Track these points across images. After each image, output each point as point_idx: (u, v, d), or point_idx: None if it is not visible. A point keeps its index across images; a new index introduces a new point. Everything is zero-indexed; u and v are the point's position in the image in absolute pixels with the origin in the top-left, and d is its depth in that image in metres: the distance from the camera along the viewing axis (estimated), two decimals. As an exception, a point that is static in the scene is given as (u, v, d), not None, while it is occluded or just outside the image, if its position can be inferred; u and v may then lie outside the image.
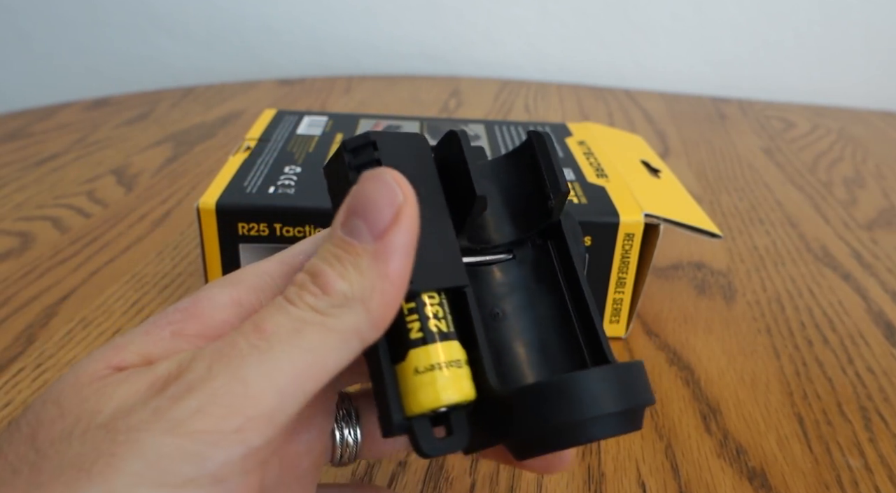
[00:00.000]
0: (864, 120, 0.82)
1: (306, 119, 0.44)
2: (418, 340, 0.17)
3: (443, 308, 0.18)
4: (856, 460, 0.29)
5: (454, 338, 0.17)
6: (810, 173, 0.63)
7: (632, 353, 0.35)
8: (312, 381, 0.15)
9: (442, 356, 0.17)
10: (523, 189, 0.20)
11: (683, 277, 0.43)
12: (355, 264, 0.16)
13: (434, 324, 0.17)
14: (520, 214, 0.20)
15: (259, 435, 0.14)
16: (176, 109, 0.74)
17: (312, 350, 0.15)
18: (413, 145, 0.18)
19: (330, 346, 0.15)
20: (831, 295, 0.42)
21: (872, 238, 0.50)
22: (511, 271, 0.20)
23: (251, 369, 0.15)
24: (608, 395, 0.17)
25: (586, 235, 0.33)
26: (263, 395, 0.14)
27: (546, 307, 0.20)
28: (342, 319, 0.16)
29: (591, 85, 0.92)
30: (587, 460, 0.28)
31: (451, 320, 0.18)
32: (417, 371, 0.17)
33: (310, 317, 0.16)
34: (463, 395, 0.17)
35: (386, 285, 0.16)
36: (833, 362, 0.35)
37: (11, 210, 0.48)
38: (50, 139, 0.63)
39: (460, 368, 0.17)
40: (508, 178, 0.20)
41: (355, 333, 0.16)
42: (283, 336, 0.15)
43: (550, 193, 0.19)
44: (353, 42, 0.95)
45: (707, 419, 0.31)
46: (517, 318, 0.20)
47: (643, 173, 0.39)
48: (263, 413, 0.14)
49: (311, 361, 0.15)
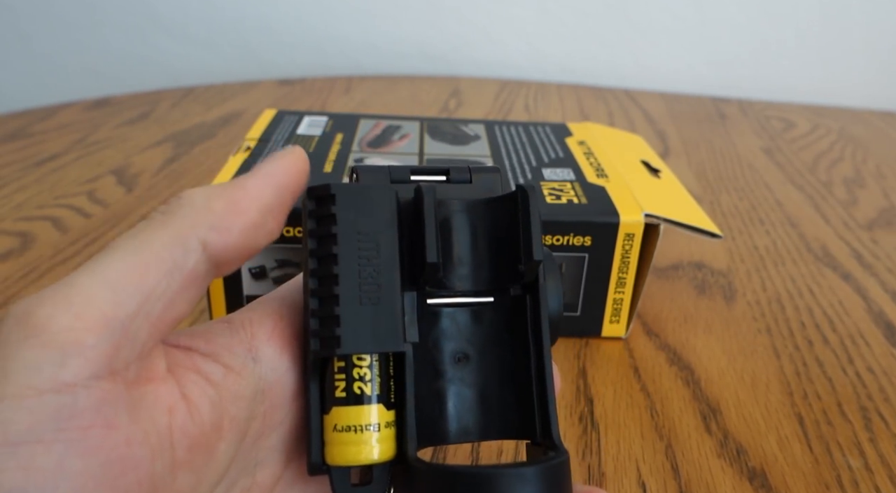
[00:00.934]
0: (865, 120, 0.82)
1: (306, 119, 0.44)
2: (341, 399, 0.17)
3: (371, 371, 0.18)
4: (856, 460, 0.29)
5: (377, 402, 0.18)
6: (810, 173, 0.63)
7: (632, 353, 0.35)
8: (150, 276, 0.15)
9: (361, 419, 0.17)
10: (504, 240, 0.19)
11: (683, 277, 0.43)
12: (218, 184, 0.17)
13: (358, 386, 0.17)
14: (498, 264, 0.19)
15: (93, 335, 0.14)
16: (176, 109, 0.74)
17: (145, 245, 0.15)
18: (378, 200, 0.18)
19: (164, 241, 0.15)
20: (831, 295, 0.42)
21: (872, 238, 0.50)
22: (487, 316, 0.20)
23: (81, 273, 0.14)
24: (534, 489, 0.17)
25: (587, 236, 0.33)
26: (92, 290, 0.14)
27: (511, 363, 0.20)
28: (178, 214, 0.16)
29: (591, 85, 0.92)
30: (587, 460, 0.28)
31: (378, 383, 0.18)
32: (336, 428, 0.17)
33: (152, 219, 0.16)
34: (378, 457, 0.17)
35: (236, 193, 0.16)
36: (833, 362, 0.35)
37: (11, 210, 0.48)
38: (50, 139, 0.63)
39: (378, 431, 0.18)
40: (493, 222, 0.19)
41: (192, 229, 0.16)
42: (121, 241, 0.15)
43: (523, 257, 0.19)
44: (353, 42, 0.95)
45: (707, 419, 0.31)
46: (481, 365, 0.20)
47: (643, 173, 0.39)
48: (96, 309, 0.14)
49: (144, 256, 0.15)
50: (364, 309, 0.17)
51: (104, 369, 0.14)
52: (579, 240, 0.33)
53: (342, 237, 0.17)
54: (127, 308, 0.14)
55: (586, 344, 0.36)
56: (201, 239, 0.16)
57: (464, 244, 0.19)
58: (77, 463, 0.13)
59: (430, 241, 0.18)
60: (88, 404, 0.13)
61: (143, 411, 0.15)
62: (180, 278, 0.15)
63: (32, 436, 0.13)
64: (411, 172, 0.20)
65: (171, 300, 0.15)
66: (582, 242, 0.33)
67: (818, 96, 0.91)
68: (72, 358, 0.13)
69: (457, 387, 0.19)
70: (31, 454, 0.13)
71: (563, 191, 0.35)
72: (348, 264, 0.17)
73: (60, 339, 0.13)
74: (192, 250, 0.15)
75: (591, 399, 0.32)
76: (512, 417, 0.19)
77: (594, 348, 0.36)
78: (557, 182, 0.36)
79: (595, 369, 0.34)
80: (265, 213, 0.17)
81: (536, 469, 0.17)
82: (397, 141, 0.42)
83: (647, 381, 0.33)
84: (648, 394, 0.33)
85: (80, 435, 0.13)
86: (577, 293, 0.35)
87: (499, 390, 0.19)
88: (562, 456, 0.17)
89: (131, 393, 0.14)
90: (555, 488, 0.17)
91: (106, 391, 0.14)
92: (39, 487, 0.13)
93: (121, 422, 0.14)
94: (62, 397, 0.13)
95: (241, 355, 0.17)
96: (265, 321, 0.18)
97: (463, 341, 0.20)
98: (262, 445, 0.18)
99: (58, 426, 0.13)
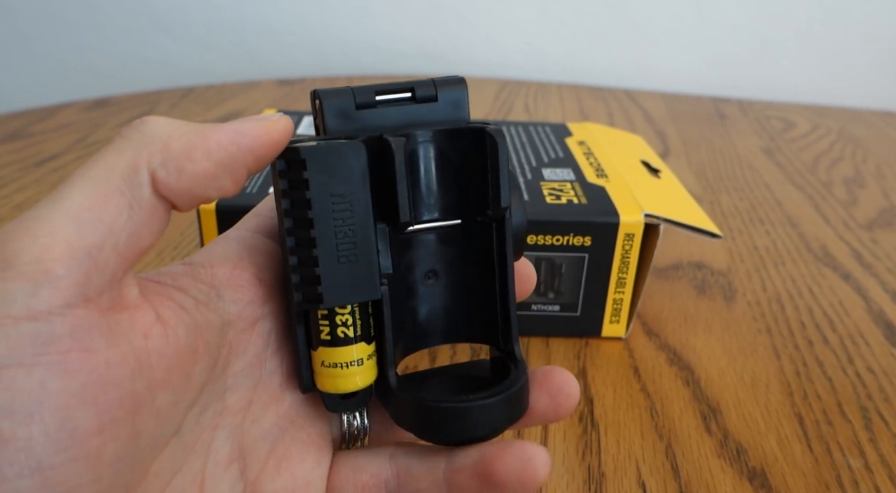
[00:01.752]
0: (865, 120, 0.82)
1: (306, 119, 0.44)
2: (326, 341, 0.19)
3: (352, 316, 0.19)
4: (856, 460, 0.29)
5: (358, 341, 0.19)
6: (810, 173, 0.63)
7: (632, 353, 0.35)
8: (111, 208, 0.15)
9: (344, 357, 0.19)
10: (473, 178, 0.20)
11: (683, 277, 0.43)
12: (185, 124, 0.17)
13: (341, 331, 0.19)
14: (465, 196, 0.20)
15: (61, 265, 0.14)
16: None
17: (102, 175, 0.15)
18: (348, 160, 0.18)
19: (118, 171, 0.16)
20: (831, 295, 0.42)
21: (872, 238, 0.50)
22: (454, 237, 0.21)
23: (43, 207, 0.15)
24: (495, 418, 0.19)
25: (587, 236, 0.33)
26: (55, 223, 0.15)
27: (477, 280, 0.21)
28: (135, 141, 0.16)
29: (591, 85, 0.92)
30: (587, 460, 0.28)
31: (360, 324, 0.19)
32: (324, 364, 0.19)
33: (109, 146, 0.16)
34: (361, 384, 0.20)
35: (196, 137, 0.16)
36: (833, 362, 0.35)
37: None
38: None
39: (361, 365, 0.19)
40: (460, 155, 0.20)
41: (145, 160, 0.16)
42: (81, 170, 0.16)
43: (491, 203, 0.19)
44: (353, 42, 0.95)
45: (707, 419, 0.31)
46: (450, 280, 0.21)
47: (643, 173, 0.39)
48: (62, 240, 0.14)
49: (102, 188, 0.15)
50: (342, 267, 0.18)
51: (76, 297, 0.14)
52: (579, 240, 0.33)
53: (316, 202, 0.18)
54: (91, 239, 0.15)
55: (586, 344, 0.36)
56: (151, 171, 0.16)
57: (431, 177, 0.20)
58: (58, 383, 0.14)
59: (402, 201, 0.18)
60: (64, 330, 0.14)
61: (120, 335, 0.15)
62: (139, 210, 0.16)
63: (13, 360, 0.14)
64: (376, 93, 0.20)
65: (135, 231, 0.16)
66: (582, 243, 0.33)
67: (818, 96, 0.91)
68: (43, 288, 0.14)
69: (428, 301, 0.21)
70: (12, 377, 0.13)
71: (563, 191, 0.35)
72: (324, 228, 0.18)
73: (30, 270, 0.14)
74: (143, 183, 0.16)
75: (591, 399, 0.32)
76: (478, 324, 0.21)
77: (594, 349, 0.36)
78: (557, 182, 0.36)
79: (595, 370, 0.34)
80: (221, 167, 0.17)
81: (503, 398, 0.19)
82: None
83: (647, 381, 0.33)
84: (648, 394, 0.33)
85: (60, 359, 0.14)
86: (577, 293, 0.35)
87: (466, 302, 0.21)
88: (521, 377, 0.19)
89: (106, 319, 0.15)
90: (516, 405, 0.19)
91: (80, 318, 0.14)
92: (24, 404, 0.13)
93: (98, 346, 0.15)
94: (38, 324, 0.14)
95: (205, 291, 0.18)
96: (224, 264, 0.19)
97: (433, 259, 0.21)
98: (229, 372, 0.19)
99: (36, 351, 0.14)
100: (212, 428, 0.19)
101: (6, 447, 0.13)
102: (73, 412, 0.14)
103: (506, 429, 0.19)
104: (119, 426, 0.15)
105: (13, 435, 0.13)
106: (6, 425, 0.13)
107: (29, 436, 0.13)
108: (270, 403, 0.20)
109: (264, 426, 0.20)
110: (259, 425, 0.20)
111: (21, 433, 0.13)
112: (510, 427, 0.19)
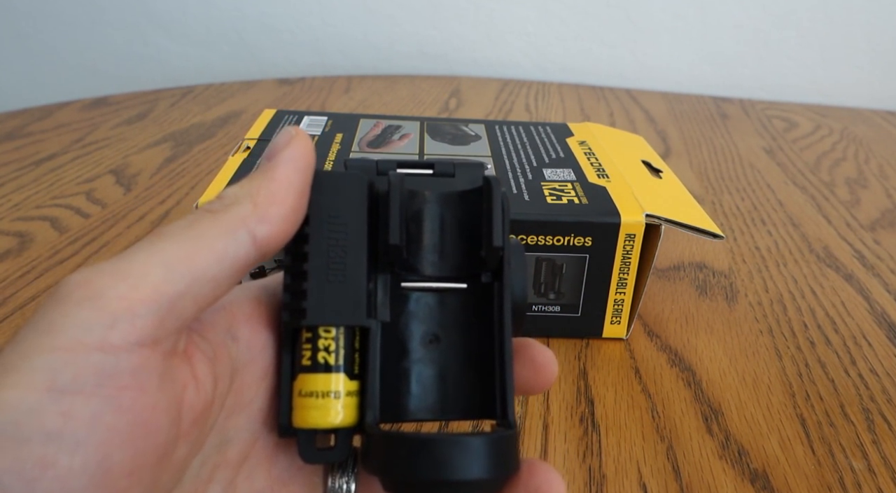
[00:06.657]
0: (867, 120, 0.82)
1: (306, 119, 0.44)
2: (307, 367, 0.19)
3: (336, 342, 0.19)
4: (859, 462, 0.29)
5: (339, 371, 0.19)
6: (812, 173, 0.62)
7: (633, 354, 0.35)
8: (201, 261, 0.16)
9: (321, 385, 0.19)
10: (473, 230, 0.20)
11: (685, 277, 0.43)
12: (250, 178, 0.18)
13: (322, 356, 0.19)
14: (466, 252, 0.21)
15: (144, 306, 0.15)
16: (175, 108, 0.73)
17: (199, 236, 0.16)
18: (350, 185, 0.19)
19: (216, 232, 0.17)
20: (834, 296, 0.42)
21: (875, 239, 0.50)
22: (458, 301, 0.21)
23: (138, 252, 0.16)
24: (472, 463, 0.17)
25: (588, 236, 0.33)
26: (148, 267, 0.15)
27: (477, 347, 0.21)
28: (229, 211, 0.17)
29: (592, 85, 0.92)
30: (588, 461, 0.28)
31: (343, 354, 0.19)
32: (301, 393, 0.19)
33: (201, 214, 0.17)
34: (339, 422, 0.19)
35: (272, 185, 0.18)
36: (836, 364, 0.35)
37: (9, 210, 0.48)
38: (48, 139, 0.62)
39: (338, 398, 0.19)
40: (464, 212, 0.21)
41: (241, 222, 0.17)
42: (175, 229, 0.17)
43: (484, 244, 0.20)
44: (353, 42, 0.94)
45: (708, 420, 0.31)
46: (450, 347, 0.21)
47: (644, 174, 0.39)
48: (150, 284, 0.15)
49: (198, 243, 0.16)
50: (331, 286, 0.19)
51: (148, 337, 0.15)
52: (580, 240, 0.33)
53: (313, 219, 0.19)
54: (177, 287, 0.15)
55: (587, 345, 0.36)
56: (250, 231, 0.17)
57: (434, 232, 0.21)
58: (109, 418, 0.14)
59: (394, 224, 0.19)
60: (128, 366, 0.15)
61: (169, 381, 0.16)
62: (228, 264, 0.17)
63: (75, 387, 0.14)
64: (398, 166, 0.21)
65: (218, 284, 0.16)
66: (583, 243, 0.33)
67: (820, 96, 0.90)
68: (121, 323, 0.15)
69: (425, 367, 0.21)
70: (71, 403, 0.14)
71: (564, 191, 0.35)
72: (318, 245, 0.19)
73: (114, 305, 0.15)
74: (241, 242, 0.17)
75: (591, 400, 0.32)
76: (475, 398, 0.20)
77: (595, 349, 0.35)
78: (558, 182, 0.36)
79: (596, 371, 0.34)
80: (299, 197, 0.18)
81: (483, 439, 0.18)
82: (397, 141, 0.42)
83: (648, 382, 0.33)
84: (649, 395, 0.32)
85: (116, 393, 0.14)
86: (577, 294, 0.34)
87: (465, 373, 0.21)
88: (510, 431, 0.18)
89: (164, 364, 0.16)
90: (499, 458, 0.18)
91: (145, 358, 0.15)
92: (74, 433, 0.14)
93: (151, 388, 0.15)
94: (106, 356, 0.14)
95: (221, 333, 0.18)
96: (244, 304, 0.19)
97: (434, 323, 0.21)
98: (230, 424, 0.19)
99: (98, 382, 0.14)
100: (207, 481, 0.18)
101: (45, 472, 0.13)
102: (114, 450, 0.14)
103: (491, 487, 0.18)
104: (146, 473, 0.15)
105: (55, 462, 0.13)
106: (52, 450, 0.13)
107: (70, 466, 0.13)
108: (265, 462, 0.20)
109: (256, 486, 0.19)
110: (251, 483, 0.19)
111: (63, 461, 0.13)
112: (496, 490, 0.18)
